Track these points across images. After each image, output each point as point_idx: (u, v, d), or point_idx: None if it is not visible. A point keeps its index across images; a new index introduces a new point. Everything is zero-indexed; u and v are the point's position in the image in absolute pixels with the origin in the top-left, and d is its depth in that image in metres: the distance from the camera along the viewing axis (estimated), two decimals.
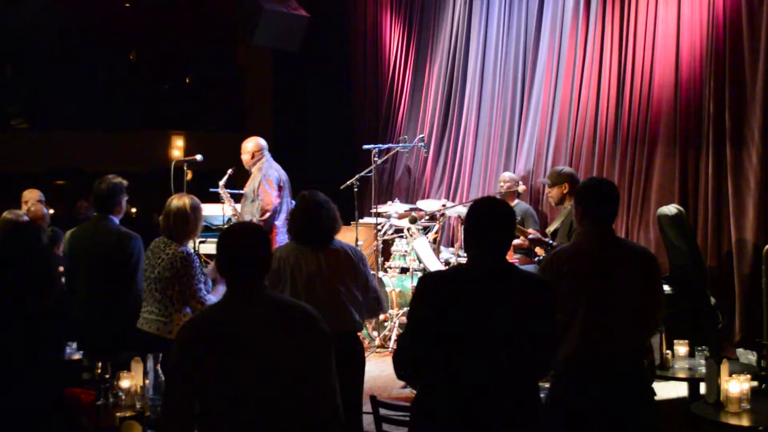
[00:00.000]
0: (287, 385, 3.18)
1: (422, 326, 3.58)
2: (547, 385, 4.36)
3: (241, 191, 8.68)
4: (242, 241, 3.35)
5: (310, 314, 3.32)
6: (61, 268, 6.75)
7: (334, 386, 3.29)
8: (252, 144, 8.52)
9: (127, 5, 14.38)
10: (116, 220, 5.92)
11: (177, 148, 15.79)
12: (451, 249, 9.33)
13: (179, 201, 5.38)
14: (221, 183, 8.59)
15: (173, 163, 8.51)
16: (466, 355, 3.47)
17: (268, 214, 8.15)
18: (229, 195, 8.66)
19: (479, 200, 3.77)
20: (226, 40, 16.37)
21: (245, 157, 8.53)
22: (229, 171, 8.61)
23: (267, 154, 8.52)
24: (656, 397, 4.73)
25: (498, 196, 8.10)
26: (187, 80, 17.53)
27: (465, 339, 3.47)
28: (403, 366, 3.70)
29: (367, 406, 4.83)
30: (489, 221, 3.61)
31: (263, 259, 3.35)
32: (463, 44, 11.17)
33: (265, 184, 8.24)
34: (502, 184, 8.78)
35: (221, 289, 5.35)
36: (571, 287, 4.14)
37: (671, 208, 7.42)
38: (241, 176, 8.87)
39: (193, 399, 3.16)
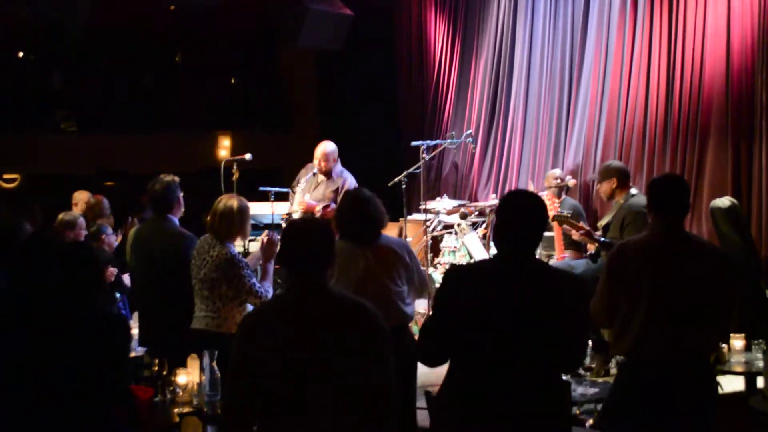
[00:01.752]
0: (344, 380, 3.19)
1: (446, 318, 3.59)
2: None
3: (285, 189, 8.66)
4: (305, 235, 3.37)
5: (369, 310, 3.32)
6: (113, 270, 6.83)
7: (392, 382, 3.29)
8: (335, 148, 8.42)
9: (172, 8, 14.46)
10: (175, 220, 5.88)
11: (224, 148, 15.88)
12: None
13: (227, 201, 5.39)
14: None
15: (223, 162, 8.56)
16: (488, 347, 3.48)
17: None
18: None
19: (511, 193, 3.76)
20: (270, 40, 16.42)
21: (326, 164, 8.31)
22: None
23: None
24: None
25: (546, 193, 8.10)
26: (233, 81, 17.62)
27: (487, 331, 3.47)
28: (425, 355, 3.74)
29: (420, 402, 4.83)
30: (519, 215, 3.59)
31: (325, 255, 3.36)
32: (509, 39, 11.12)
33: None
34: (551, 180, 8.73)
35: (270, 268, 5.40)
36: (636, 279, 4.12)
37: (725, 201, 7.32)
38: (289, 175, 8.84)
39: (253, 392, 3.18)
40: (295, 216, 8.00)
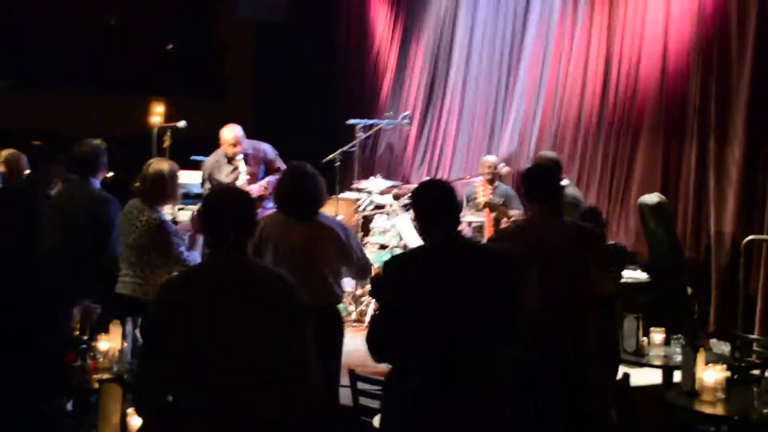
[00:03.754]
0: (262, 352, 3.16)
1: (391, 309, 3.64)
2: None
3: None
4: (227, 204, 3.33)
5: (289, 283, 3.30)
6: None
7: (309, 356, 3.27)
8: (240, 128, 8.02)
9: None
10: (97, 183, 5.87)
11: (157, 114, 15.61)
12: None
13: (157, 165, 5.33)
14: None
15: (156, 128, 8.42)
16: (434, 332, 3.53)
17: None
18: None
19: (422, 185, 3.90)
20: (210, 8, 16.21)
21: (241, 146, 7.88)
22: None
23: None
24: (631, 384, 4.76)
25: (480, 178, 8.14)
26: (169, 46, 17.33)
27: (431, 316, 3.53)
28: (377, 349, 3.74)
29: (344, 380, 4.83)
30: (437, 201, 3.70)
31: (247, 225, 3.34)
32: (450, 22, 11.13)
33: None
34: (485, 167, 8.75)
35: (198, 239, 5.34)
36: None
37: (653, 197, 7.45)
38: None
39: (167, 361, 3.14)
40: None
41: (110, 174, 7.72)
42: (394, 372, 3.68)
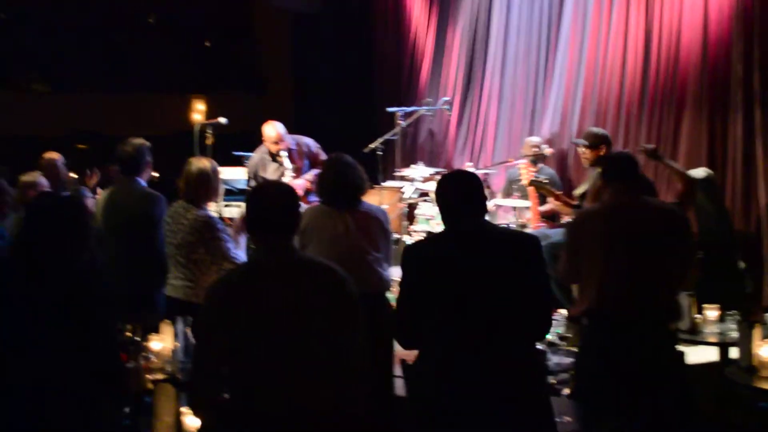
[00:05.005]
0: (314, 347, 3.17)
1: (413, 295, 3.62)
2: None
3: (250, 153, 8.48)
4: (272, 199, 3.32)
5: (338, 275, 3.30)
6: None
7: (362, 348, 3.27)
8: (281, 125, 8.09)
9: None
10: (143, 182, 5.91)
11: (198, 111, 15.69)
12: None
13: (200, 163, 5.37)
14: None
15: (198, 126, 8.45)
16: (458, 318, 3.52)
17: None
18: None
19: (447, 175, 3.92)
20: (245, 2, 16.26)
21: (284, 143, 8.01)
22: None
23: None
24: (687, 361, 4.74)
25: (523, 160, 8.09)
26: (207, 43, 17.40)
27: (454, 303, 3.52)
28: (403, 336, 3.75)
29: (397, 370, 4.83)
30: (461, 189, 3.71)
31: (292, 219, 3.33)
32: (486, 4, 11.03)
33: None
34: (528, 149, 8.68)
35: (242, 240, 5.35)
36: (596, 244, 4.36)
37: (700, 171, 7.33)
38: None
39: (222, 360, 3.16)
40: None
41: (156, 174, 7.77)
42: (419, 356, 3.67)
